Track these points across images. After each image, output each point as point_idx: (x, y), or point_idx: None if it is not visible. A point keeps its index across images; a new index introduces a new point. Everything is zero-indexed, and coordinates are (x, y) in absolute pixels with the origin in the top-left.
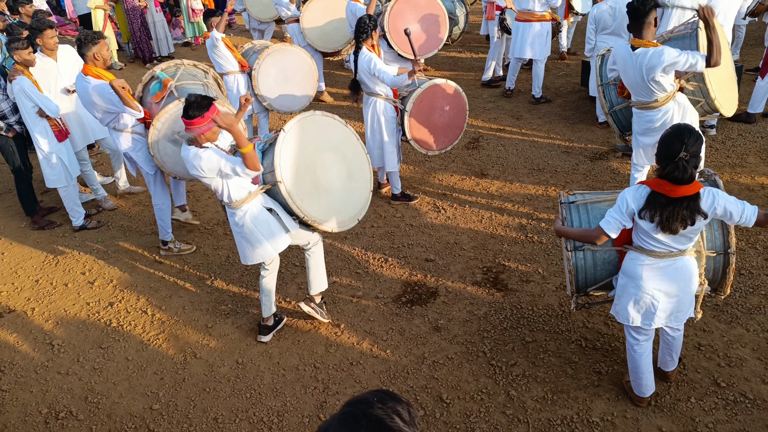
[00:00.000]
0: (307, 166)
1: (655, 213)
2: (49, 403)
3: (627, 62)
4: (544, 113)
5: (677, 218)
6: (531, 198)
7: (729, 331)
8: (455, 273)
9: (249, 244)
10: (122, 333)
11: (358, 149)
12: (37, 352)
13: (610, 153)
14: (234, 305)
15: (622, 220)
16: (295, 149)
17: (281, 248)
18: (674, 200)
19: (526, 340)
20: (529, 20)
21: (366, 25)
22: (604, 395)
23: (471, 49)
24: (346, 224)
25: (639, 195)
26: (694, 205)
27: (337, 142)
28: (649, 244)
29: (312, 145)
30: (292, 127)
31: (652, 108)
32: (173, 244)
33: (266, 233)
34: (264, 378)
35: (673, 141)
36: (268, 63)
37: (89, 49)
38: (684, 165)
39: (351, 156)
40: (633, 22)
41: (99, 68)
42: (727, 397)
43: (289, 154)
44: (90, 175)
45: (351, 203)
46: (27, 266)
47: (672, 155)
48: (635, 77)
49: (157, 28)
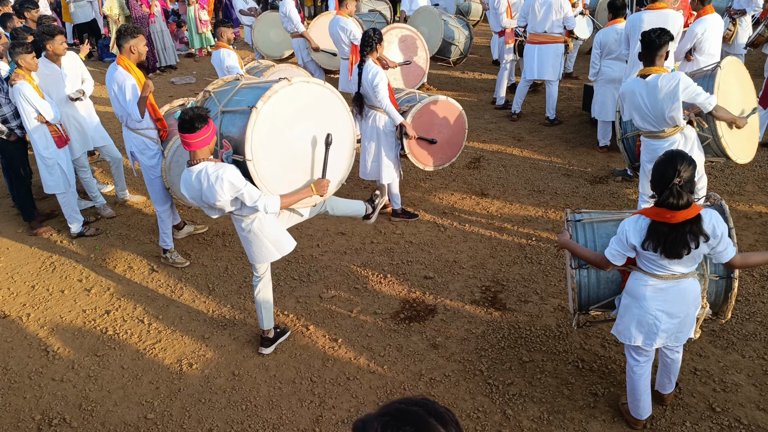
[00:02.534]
0: (282, 143)
1: (659, 242)
2: (42, 410)
3: (637, 92)
4: (545, 135)
5: (681, 244)
6: (531, 219)
7: (725, 356)
8: (454, 291)
9: (256, 246)
10: (118, 341)
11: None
12: (31, 358)
13: (610, 177)
14: (231, 316)
15: (624, 251)
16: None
17: (286, 251)
18: (676, 226)
19: (523, 360)
20: (543, 42)
21: (371, 39)
22: (600, 417)
23: (474, 69)
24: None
25: (639, 227)
26: (697, 227)
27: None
28: (652, 269)
29: (287, 122)
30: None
31: (659, 138)
32: (171, 254)
33: (272, 236)
34: (260, 390)
35: (666, 167)
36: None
37: (127, 41)
38: (678, 191)
39: (329, 121)
40: (646, 53)
41: (131, 62)
42: (722, 422)
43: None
44: (89, 182)
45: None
46: (23, 272)
47: (665, 181)
48: (648, 104)
49: (160, 38)
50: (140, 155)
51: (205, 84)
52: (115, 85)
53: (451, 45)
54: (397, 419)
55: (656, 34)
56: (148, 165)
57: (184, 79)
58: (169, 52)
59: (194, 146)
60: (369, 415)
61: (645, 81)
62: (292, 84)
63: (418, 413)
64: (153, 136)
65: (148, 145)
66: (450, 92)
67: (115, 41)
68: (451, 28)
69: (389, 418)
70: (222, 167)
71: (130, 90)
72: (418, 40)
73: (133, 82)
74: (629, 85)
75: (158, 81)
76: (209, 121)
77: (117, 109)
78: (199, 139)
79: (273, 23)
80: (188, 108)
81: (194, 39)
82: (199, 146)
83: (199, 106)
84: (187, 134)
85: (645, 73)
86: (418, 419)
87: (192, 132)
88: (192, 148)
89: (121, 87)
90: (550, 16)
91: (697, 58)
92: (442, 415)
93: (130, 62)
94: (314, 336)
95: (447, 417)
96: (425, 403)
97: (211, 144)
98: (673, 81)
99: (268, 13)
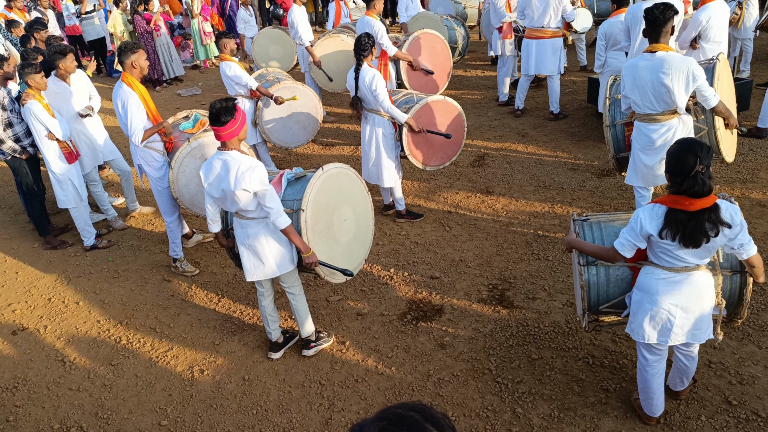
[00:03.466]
0: (328, 210)
1: (678, 230)
2: (60, 419)
3: (642, 68)
4: (550, 130)
5: (701, 231)
6: (537, 215)
7: (740, 348)
8: (461, 290)
9: (256, 258)
10: (132, 350)
11: (370, 218)
12: (49, 368)
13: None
14: (241, 323)
15: (635, 241)
16: (324, 190)
17: (285, 270)
18: (695, 214)
19: (532, 358)
20: (541, 37)
21: (365, 44)
22: (611, 413)
23: (476, 67)
24: (336, 278)
25: (655, 215)
26: (716, 216)
27: (357, 202)
28: (665, 261)
29: (338, 194)
30: (330, 169)
31: (657, 121)
32: (180, 263)
33: (275, 250)
34: (270, 395)
35: (686, 155)
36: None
37: (127, 57)
38: (702, 178)
39: (362, 219)
40: (650, 29)
41: (134, 78)
42: (738, 415)
43: (318, 191)
44: (101, 195)
45: (348, 261)
46: (40, 285)
47: (687, 170)
48: (651, 82)
49: (166, 51)
50: (147, 167)
51: (212, 95)
52: (119, 102)
53: (453, 48)
54: (394, 424)
55: (660, 10)
56: (155, 177)
57: (190, 91)
58: (175, 64)
59: (224, 137)
60: (366, 419)
61: (651, 57)
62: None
63: (415, 419)
64: (159, 149)
65: (155, 157)
66: (453, 91)
67: (117, 58)
68: (452, 32)
69: (386, 423)
70: (256, 161)
71: (130, 108)
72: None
73: (135, 100)
74: (634, 61)
75: (165, 93)
76: (236, 114)
77: (123, 125)
78: (227, 131)
79: (273, 39)
80: (215, 101)
81: (199, 51)
82: (228, 137)
83: (227, 97)
84: (215, 127)
85: (652, 50)
86: (415, 424)
87: (219, 125)
88: (222, 139)
89: (123, 105)
90: (548, 11)
91: (703, 46)
92: (439, 421)
93: (133, 78)
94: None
95: (443, 422)
96: (422, 408)
97: (240, 134)
98: (685, 66)
99: (270, 29)
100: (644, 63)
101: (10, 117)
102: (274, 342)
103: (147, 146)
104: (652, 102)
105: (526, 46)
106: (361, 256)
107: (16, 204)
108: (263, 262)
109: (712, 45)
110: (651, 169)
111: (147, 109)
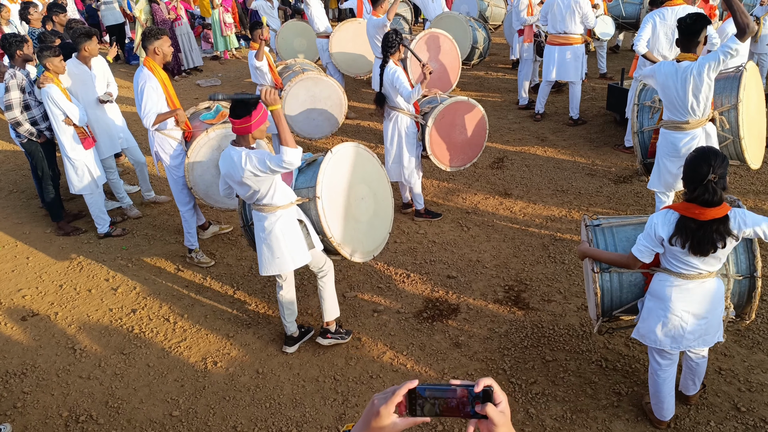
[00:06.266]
0: (343, 192)
1: (686, 238)
2: (69, 407)
3: (670, 76)
4: (569, 135)
5: (708, 241)
6: (554, 219)
7: (750, 356)
8: (477, 290)
9: (271, 252)
10: (144, 339)
11: (388, 192)
12: (59, 356)
13: (634, 176)
14: (256, 315)
15: (653, 246)
16: (336, 172)
17: (300, 264)
18: (704, 223)
19: (546, 359)
20: (563, 44)
21: (393, 41)
22: (623, 416)
23: (497, 69)
24: (363, 257)
25: (667, 221)
26: (725, 227)
27: (371, 179)
28: (677, 267)
29: (351, 174)
30: (339, 150)
31: (682, 129)
32: (196, 254)
33: (291, 244)
34: (284, 388)
35: (700, 164)
36: (299, 87)
37: (151, 43)
38: (713, 187)
39: (380, 195)
40: (683, 38)
41: (156, 63)
42: (747, 421)
43: (331, 175)
44: (116, 183)
45: (371, 238)
46: (51, 271)
47: (700, 178)
48: (677, 90)
49: (184, 41)
50: (164, 155)
51: (231, 86)
52: (138, 85)
53: (475, 49)
54: None
55: (692, 20)
56: (171, 165)
57: (209, 82)
58: (195, 54)
59: (235, 131)
60: None
61: (677, 65)
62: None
63: None
64: (177, 137)
65: (172, 144)
66: (473, 92)
67: (140, 43)
68: (475, 32)
69: None
70: (261, 151)
71: (147, 91)
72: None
73: (154, 83)
74: (664, 68)
75: (184, 83)
76: (253, 112)
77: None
78: (240, 126)
79: (298, 31)
80: (241, 93)
81: (218, 42)
82: (240, 132)
83: (251, 93)
84: (231, 118)
85: (680, 59)
86: None
87: (234, 117)
88: (234, 131)
89: (141, 87)
90: (569, 16)
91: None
92: None
93: (155, 64)
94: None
95: None
96: None
97: (255, 132)
98: (701, 66)
99: (293, 22)
100: (671, 72)
101: (28, 99)
102: (290, 336)
103: (164, 133)
104: (678, 110)
105: (548, 52)
106: (385, 230)
107: (29, 188)
108: (278, 256)
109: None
110: (674, 176)
111: (167, 95)
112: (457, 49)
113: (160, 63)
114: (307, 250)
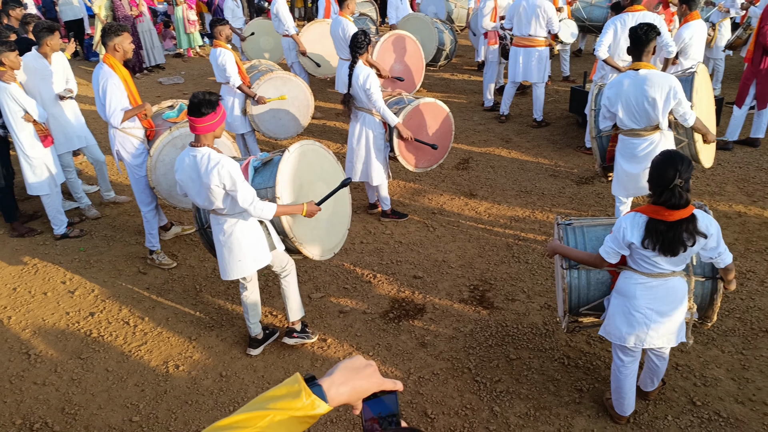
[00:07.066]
0: (302, 190)
1: (657, 240)
2: (23, 414)
3: (626, 85)
4: (533, 137)
5: (679, 241)
6: (518, 219)
7: (705, 352)
8: (443, 290)
9: (232, 256)
10: (103, 343)
11: (345, 190)
12: (12, 361)
13: (595, 178)
14: (219, 317)
15: (619, 249)
16: (294, 171)
17: (262, 264)
18: (673, 224)
19: (510, 358)
20: (528, 46)
21: (362, 41)
22: (585, 412)
23: (462, 71)
24: (323, 254)
25: (636, 224)
26: (693, 227)
27: (329, 176)
28: (643, 267)
29: (309, 172)
30: (296, 149)
31: (639, 136)
32: (157, 255)
33: (253, 246)
34: (248, 391)
35: (666, 168)
36: (267, 86)
37: (111, 40)
38: (680, 191)
39: (338, 193)
40: (633, 48)
41: (116, 60)
42: (702, 415)
43: (289, 174)
44: (74, 182)
45: (331, 235)
46: (4, 274)
47: (666, 182)
48: (635, 98)
49: (146, 38)
50: (125, 154)
51: (194, 85)
52: (99, 82)
53: (442, 51)
54: None
55: (643, 30)
56: (133, 164)
57: (172, 80)
58: (157, 51)
59: (199, 130)
60: None
61: (635, 74)
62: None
63: None
64: (139, 135)
65: (134, 143)
66: (440, 94)
67: (100, 39)
68: (441, 34)
69: None
70: (225, 158)
71: (110, 89)
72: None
73: (115, 80)
74: (619, 78)
75: (146, 81)
76: (218, 109)
77: (101, 109)
78: (204, 124)
79: (264, 30)
80: (199, 92)
81: (182, 39)
82: (203, 131)
83: (211, 91)
84: (193, 117)
85: (635, 68)
86: None
87: (198, 116)
88: (197, 131)
89: (103, 86)
90: (534, 20)
91: (682, 62)
92: None
93: (115, 60)
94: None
95: None
96: None
97: (217, 131)
98: (667, 84)
99: (259, 20)
100: (628, 80)
101: None
102: (254, 338)
103: (126, 132)
104: (636, 118)
105: (514, 53)
106: (344, 227)
107: None
108: (240, 259)
109: (691, 62)
110: (632, 178)
111: (128, 92)
112: (422, 51)
113: (121, 60)
114: (269, 250)
